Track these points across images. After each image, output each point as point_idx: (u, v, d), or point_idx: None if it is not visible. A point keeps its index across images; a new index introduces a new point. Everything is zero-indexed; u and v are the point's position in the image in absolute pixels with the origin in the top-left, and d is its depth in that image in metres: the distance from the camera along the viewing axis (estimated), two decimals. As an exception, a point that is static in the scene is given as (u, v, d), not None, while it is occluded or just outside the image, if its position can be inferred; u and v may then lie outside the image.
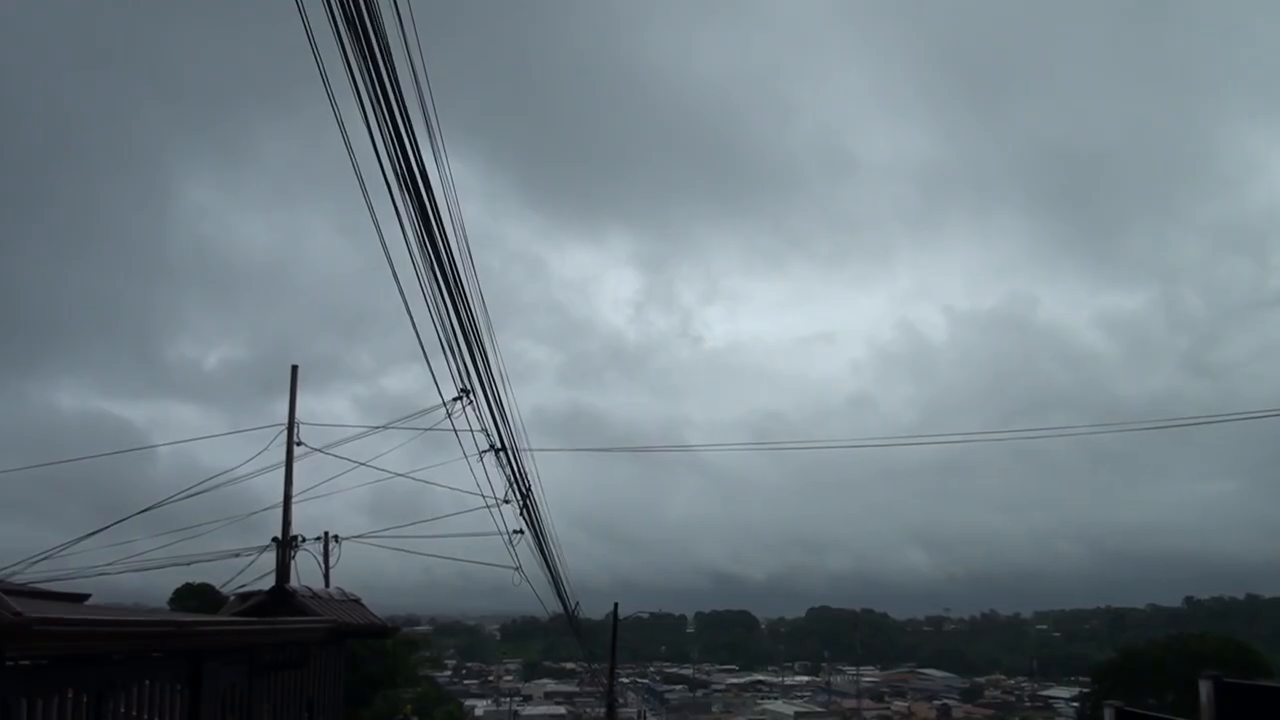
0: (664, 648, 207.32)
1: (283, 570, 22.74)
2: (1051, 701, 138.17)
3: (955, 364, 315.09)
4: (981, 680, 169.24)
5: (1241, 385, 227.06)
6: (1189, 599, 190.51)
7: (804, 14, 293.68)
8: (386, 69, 8.76)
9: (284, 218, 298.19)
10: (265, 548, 23.31)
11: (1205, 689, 20.24)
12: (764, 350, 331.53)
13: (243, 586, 21.76)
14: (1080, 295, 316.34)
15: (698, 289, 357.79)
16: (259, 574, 22.81)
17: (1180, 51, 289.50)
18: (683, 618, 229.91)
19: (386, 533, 27.28)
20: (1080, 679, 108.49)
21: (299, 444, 23.63)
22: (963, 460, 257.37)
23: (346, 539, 27.74)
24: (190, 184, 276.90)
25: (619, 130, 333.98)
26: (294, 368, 24.57)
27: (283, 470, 23.29)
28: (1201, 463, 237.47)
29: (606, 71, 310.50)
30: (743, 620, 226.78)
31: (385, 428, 25.01)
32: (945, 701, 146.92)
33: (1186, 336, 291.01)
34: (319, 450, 24.01)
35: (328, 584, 23.93)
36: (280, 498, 23.16)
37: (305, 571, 24.10)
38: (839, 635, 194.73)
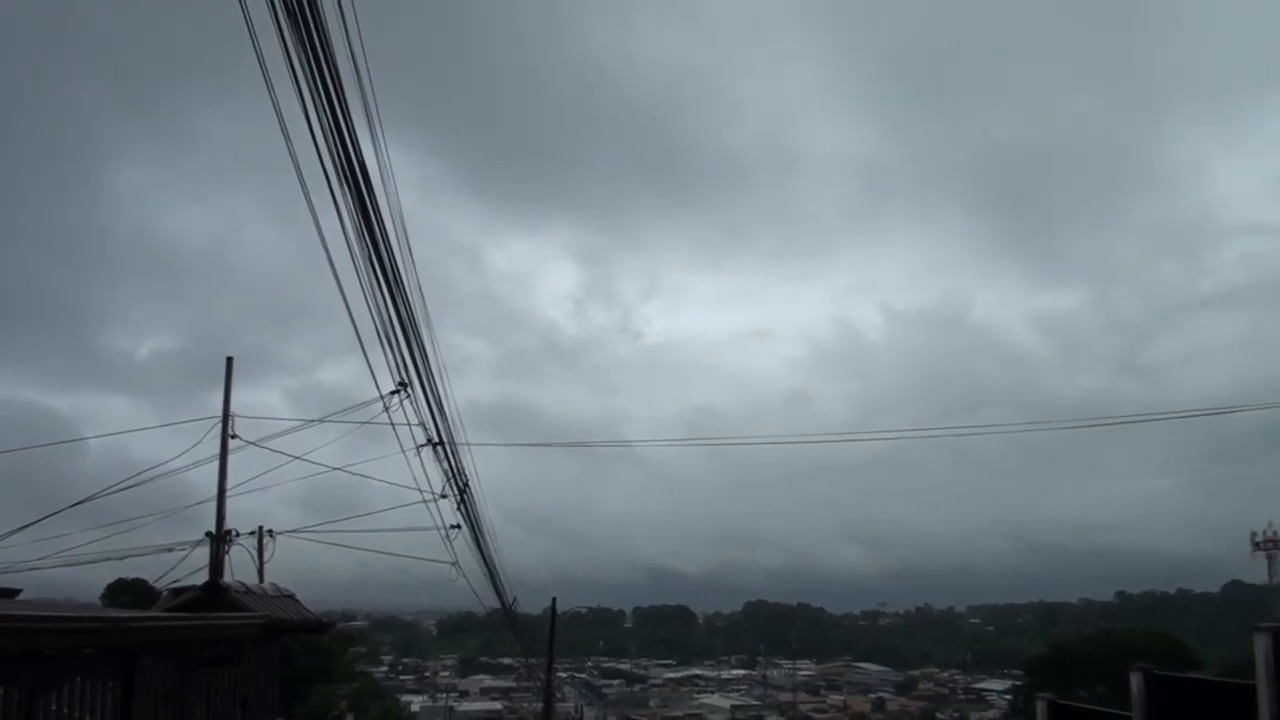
0: (602, 643, 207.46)
1: (216, 565, 22.51)
2: (984, 694, 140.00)
3: (891, 361, 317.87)
4: (916, 674, 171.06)
5: (1172, 385, 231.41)
6: (1120, 594, 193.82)
7: (749, 9, 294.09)
8: (326, 57, 8.65)
9: (219, 205, 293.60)
10: (199, 542, 23.07)
11: (1136, 681, 20.57)
12: (703, 346, 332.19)
13: (176, 581, 21.47)
14: (1017, 294, 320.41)
15: (638, 284, 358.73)
16: (193, 569, 22.56)
17: (1126, 55, 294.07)
18: (621, 612, 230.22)
19: (322, 527, 27.08)
20: (1013, 672, 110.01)
21: (234, 437, 23.39)
22: (897, 457, 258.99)
23: (281, 534, 27.51)
24: (122, 168, 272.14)
25: (562, 122, 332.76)
26: (229, 359, 24.33)
27: (217, 464, 23.05)
28: (1133, 460, 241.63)
29: (550, 62, 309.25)
30: (680, 615, 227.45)
31: (322, 421, 24.81)
32: (880, 695, 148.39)
33: (1119, 336, 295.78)
34: (254, 444, 23.75)
35: (262, 579, 23.70)
36: (214, 491, 22.93)
37: (239, 566, 23.89)
38: (775, 629, 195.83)
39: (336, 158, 9.66)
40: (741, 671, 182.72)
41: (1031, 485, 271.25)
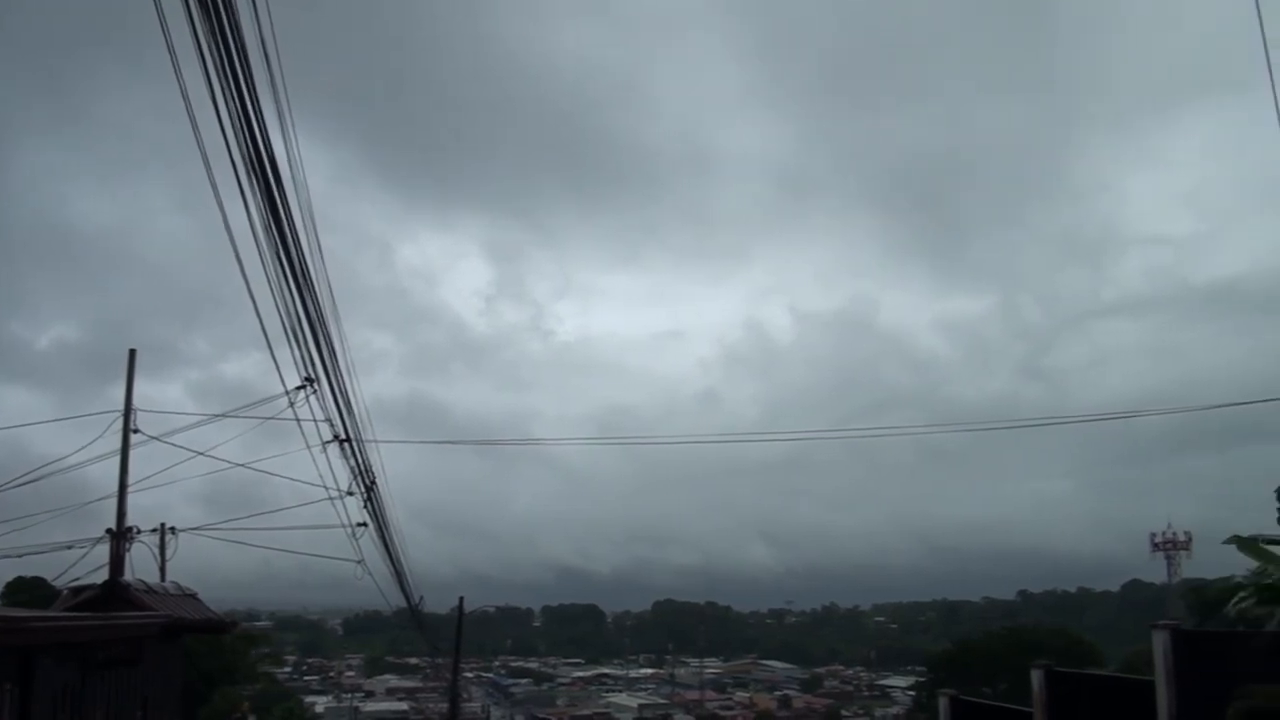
0: (510, 642, 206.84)
1: (117, 563, 21.98)
2: (889, 691, 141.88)
3: (800, 363, 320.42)
4: (821, 671, 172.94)
5: (1075, 390, 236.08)
6: (1022, 592, 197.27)
7: (665, 7, 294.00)
8: (236, 44, 8.46)
9: (123, 192, 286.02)
10: (99, 539, 22.52)
11: (1037, 677, 21.01)
12: (616, 345, 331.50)
13: (76, 580, 20.96)
14: (924, 298, 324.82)
15: (552, 281, 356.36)
16: (93, 567, 22.03)
17: (1040, 68, 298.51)
18: (529, 611, 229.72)
19: (225, 525, 26.64)
20: (916, 669, 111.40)
21: (136, 431, 22.89)
22: (805, 458, 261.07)
23: (184, 531, 27.02)
24: (23, 150, 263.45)
25: (475, 115, 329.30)
26: (132, 352, 23.85)
27: (118, 459, 22.54)
28: (1036, 463, 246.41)
29: (464, 53, 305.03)
30: (590, 614, 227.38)
31: (226, 416, 24.47)
32: (786, 692, 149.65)
33: (1024, 342, 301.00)
34: (157, 439, 23.28)
35: (164, 578, 23.26)
36: (115, 487, 22.42)
37: (141, 564, 23.36)
38: (684, 628, 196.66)
39: (245, 148, 9.47)
40: (650, 670, 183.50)
41: (936, 487, 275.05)
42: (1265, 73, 12.89)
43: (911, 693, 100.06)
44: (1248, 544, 16.85)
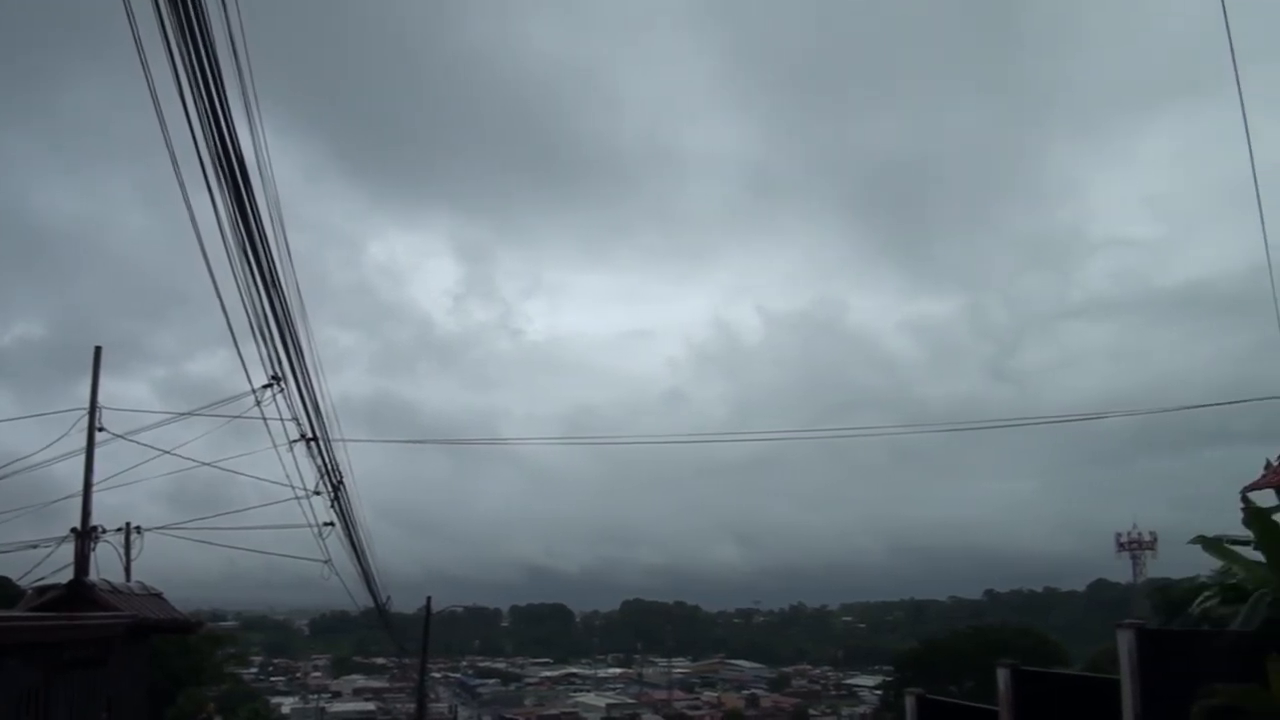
0: (478, 642, 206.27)
1: (82, 563, 21.83)
2: (856, 690, 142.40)
3: (769, 363, 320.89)
4: (789, 670, 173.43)
5: (1041, 391, 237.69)
6: (989, 592, 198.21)
7: (635, 5, 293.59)
8: (204, 39, 8.39)
9: (89, 187, 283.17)
10: (64, 539, 22.36)
11: (1003, 676, 21.10)
12: (584, 344, 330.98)
13: (40, 580, 20.80)
14: (893, 300, 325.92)
15: (520, 280, 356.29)
16: (57, 566, 21.87)
17: (1009, 73, 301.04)
18: (497, 611, 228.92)
19: (191, 524, 26.50)
20: (883, 668, 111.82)
21: (101, 430, 22.73)
22: (774, 457, 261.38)
23: (149, 530, 26.85)
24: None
25: (443, 113, 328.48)
26: (97, 349, 23.70)
27: (83, 457, 22.38)
28: (1003, 463, 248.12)
29: (430, 50, 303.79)
30: (558, 613, 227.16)
31: (192, 414, 24.35)
32: (754, 691, 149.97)
33: (991, 344, 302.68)
34: (122, 437, 23.13)
35: (129, 577, 23.10)
36: (80, 486, 22.27)
37: (106, 564, 23.21)
38: (652, 627, 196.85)
39: (212, 144, 9.41)
40: (618, 670, 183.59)
41: (904, 487, 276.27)
42: (1232, 77, 13.03)
43: (879, 692, 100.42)
44: (1212, 544, 16.98)
